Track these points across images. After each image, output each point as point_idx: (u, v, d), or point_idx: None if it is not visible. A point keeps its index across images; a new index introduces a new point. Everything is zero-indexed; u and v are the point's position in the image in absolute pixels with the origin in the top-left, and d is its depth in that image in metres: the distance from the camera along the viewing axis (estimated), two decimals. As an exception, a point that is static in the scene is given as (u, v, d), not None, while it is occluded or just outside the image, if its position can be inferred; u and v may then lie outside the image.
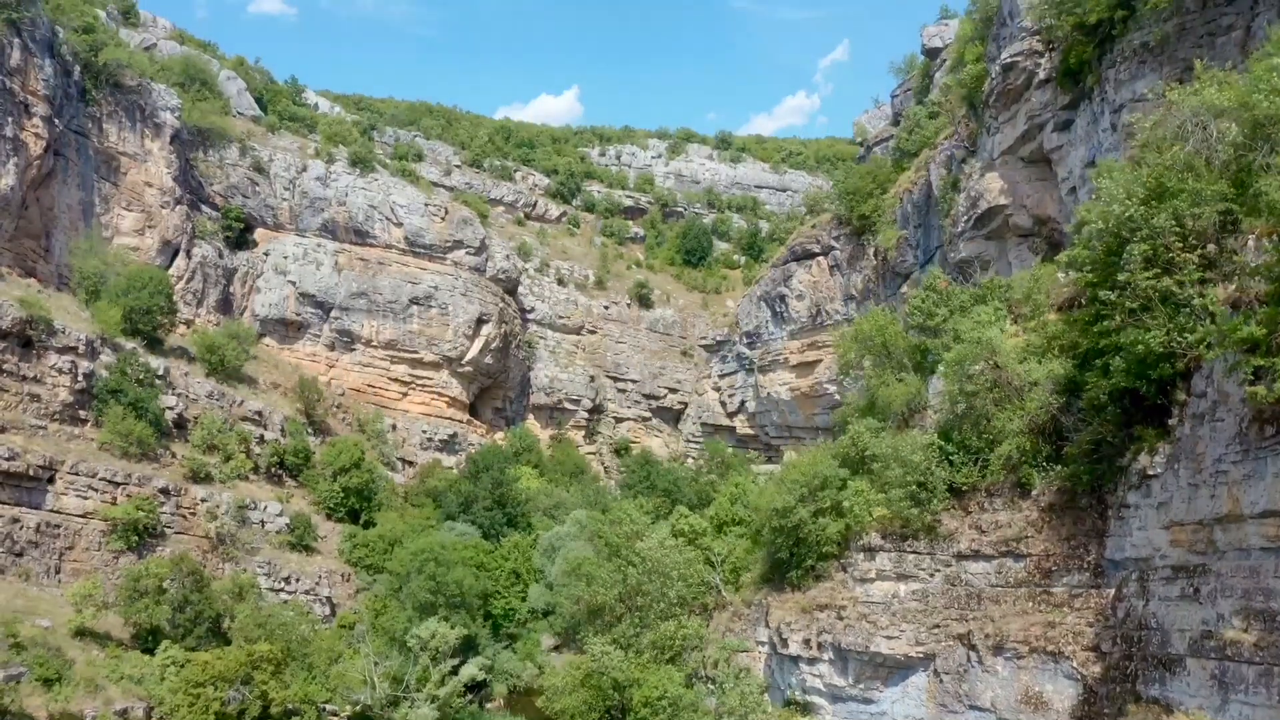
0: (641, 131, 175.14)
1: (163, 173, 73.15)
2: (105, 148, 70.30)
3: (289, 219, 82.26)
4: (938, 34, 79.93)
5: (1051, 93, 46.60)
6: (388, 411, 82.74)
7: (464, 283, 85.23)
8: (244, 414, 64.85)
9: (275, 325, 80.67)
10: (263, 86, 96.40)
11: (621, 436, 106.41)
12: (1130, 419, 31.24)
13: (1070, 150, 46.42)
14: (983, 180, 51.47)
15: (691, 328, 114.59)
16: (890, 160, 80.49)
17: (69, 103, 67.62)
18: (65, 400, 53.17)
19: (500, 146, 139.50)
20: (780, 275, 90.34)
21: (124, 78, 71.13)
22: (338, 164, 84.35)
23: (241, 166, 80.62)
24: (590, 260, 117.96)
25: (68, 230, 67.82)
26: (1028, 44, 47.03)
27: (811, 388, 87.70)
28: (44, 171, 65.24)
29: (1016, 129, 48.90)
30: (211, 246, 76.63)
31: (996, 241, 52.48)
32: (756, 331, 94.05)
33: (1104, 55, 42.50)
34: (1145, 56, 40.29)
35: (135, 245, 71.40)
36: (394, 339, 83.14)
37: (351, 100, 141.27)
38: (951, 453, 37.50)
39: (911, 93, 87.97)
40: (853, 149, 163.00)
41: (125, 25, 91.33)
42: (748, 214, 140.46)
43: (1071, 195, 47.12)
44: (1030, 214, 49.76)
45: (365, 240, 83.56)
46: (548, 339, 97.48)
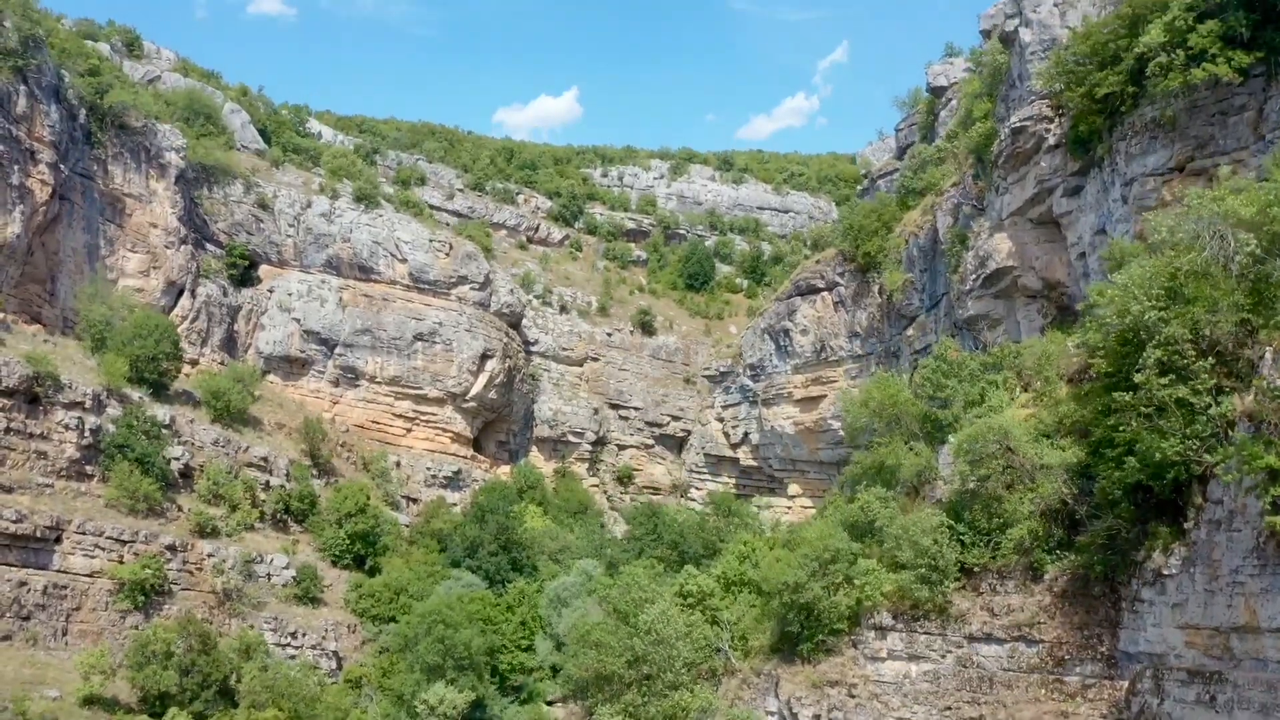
0: (644, 152, 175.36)
1: (167, 213, 73.10)
2: (110, 189, 70.26)
3: (293, 255, 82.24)
4: (942, 72, 79.97)
5: (1061, 158, 46.57)
6: (391, 448, 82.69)
7: (468, 318, 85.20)
8: (249, 460, 64.82)
9: (279, 362, 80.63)
10: (266, 117, 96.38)
11: (624, 464, 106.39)
12: (1144, 514, 31.27)
13: (1080, 216, 46.40)
14: (991, 240, 51.45)
15: (694, 355, 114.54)
16: (895, 198, 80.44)
17: (74, 146, 67.59)
18: (72, 456, 53.13)
19: (502, 168, 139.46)
20: (784, 309, 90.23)
21: (129, 119, 71.12)
22: (342, 200, 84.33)
23: (246, 203, 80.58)
24: (593, 286, 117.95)
25: (73, 274, 67.79)
26: (1037, 109, 47.00)
27: (816, 423, 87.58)
28: (49, 217, 65.24)
29: (1025, 191, 48.88)
30: (216, 285, 76.57)
31: (1005, 300, 52.46)
32: (760, 364, 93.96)
33: (1114, 127, 42.46)
34: (1156, 132, 40.26)
35: (140, 286, 71.35)
36: (398, 375, 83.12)
37: (354, 122, 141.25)
38: (962, 533, 37.47)
39: (916, 126, 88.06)
40: (854, 170, 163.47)
41: (129, 57, 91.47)
42: (750, 235, 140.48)
43: (1081, 260, 47.12)
44: (1039, 276, 49.73)
45: (369, 276, 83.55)
46: (551, 371, 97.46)
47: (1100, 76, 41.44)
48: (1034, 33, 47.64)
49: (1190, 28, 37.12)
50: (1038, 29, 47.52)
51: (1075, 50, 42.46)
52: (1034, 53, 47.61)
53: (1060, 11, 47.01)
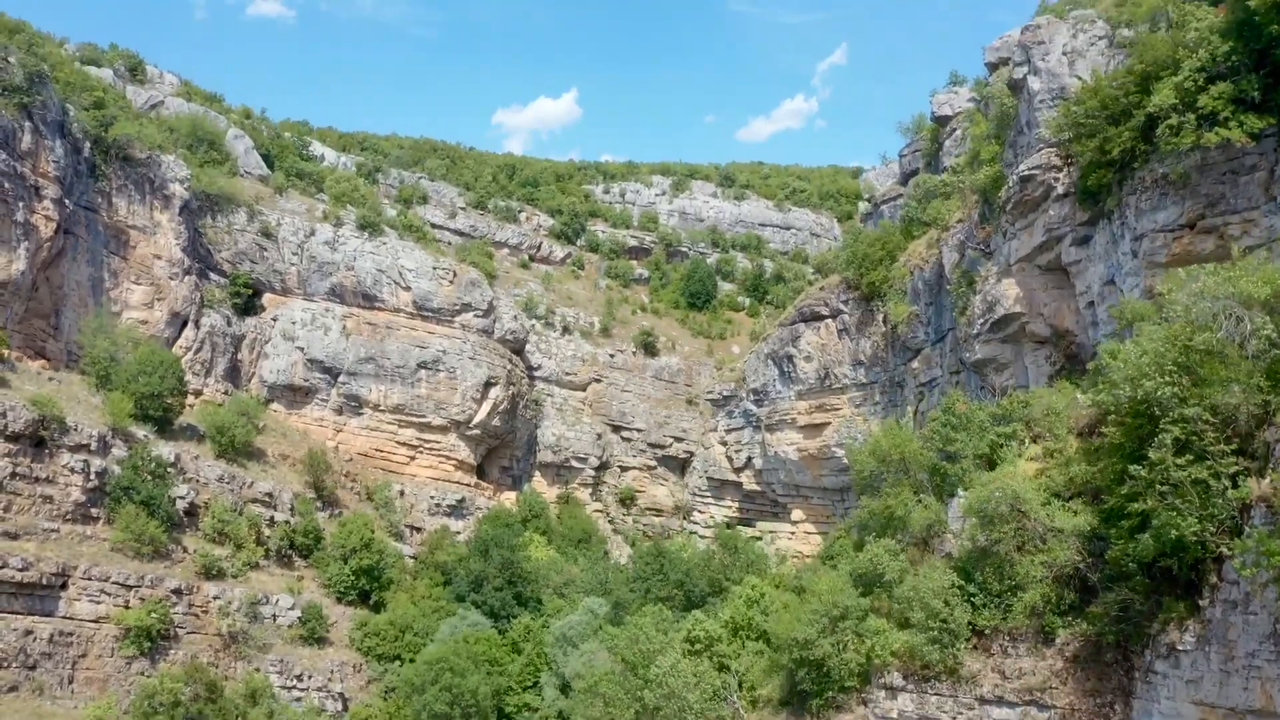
0: (645, 167, 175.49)
1: (171, 244, 72.98)
2: (114, 222, 70.15)
3: (297, 283, 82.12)
4: (947, 101, 79.86)
5: (1070, 207, 46.51)
6: (395, 476, 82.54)
7: (472, 346, 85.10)
8: (254, 495, 64.74)
9: (283, 391, 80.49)
10: (269, 141, 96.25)
11: (627, 486, 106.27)
12: (1159, 587, 31.19)
13: (1089, 266, 46.36)
14: (999, 286, 51.39)
15: (696, 376, 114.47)
16: (899, 227, 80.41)
17: (79, 180, 67.48)
18: (77, 500, 53.05)
19: (504, 185, 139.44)
20: (788, 335, 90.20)
21: (134, 151, 71.01)
22: (345, 227, 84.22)
23: (249, 232, 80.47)
24: (595, 305, 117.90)
25: (77, 307, 67.64)
26: (1045, 158, 46.93)
27: (820, 450, 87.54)
28: (54, 252, 65.13)
29: (1034, 239, 48.82)
30: (220, 315, 76.46)
31: (1013, 345, 52.41)
32: (764, 389, 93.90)
33: (1124, 181, 42.41)
34: (1166, 188, 40.21)
35: (144, 319, 71.21)
36: (402, 403, 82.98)
37: (355, 139, 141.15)
38: (973, 593, 37.37)
39: (920, 153, 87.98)
40: (854, 185, 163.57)
41: (132, 82, 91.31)
42: (751, 253, 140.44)
43: (1090, 309, 47.09)
44: (1047, 323, 49.68)
45: (373, 304, 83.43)
46: (555, 396, 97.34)
47: (1111, 132, 41.40)
48: (1043, 81, 47.59)
49: (1201, 88, 37.09)
50: (1046, 78, 47.48)
51: (1085, 105, 42.40)
52: (1042, 101, 47.56)
53: (1069, 61, 46.95)
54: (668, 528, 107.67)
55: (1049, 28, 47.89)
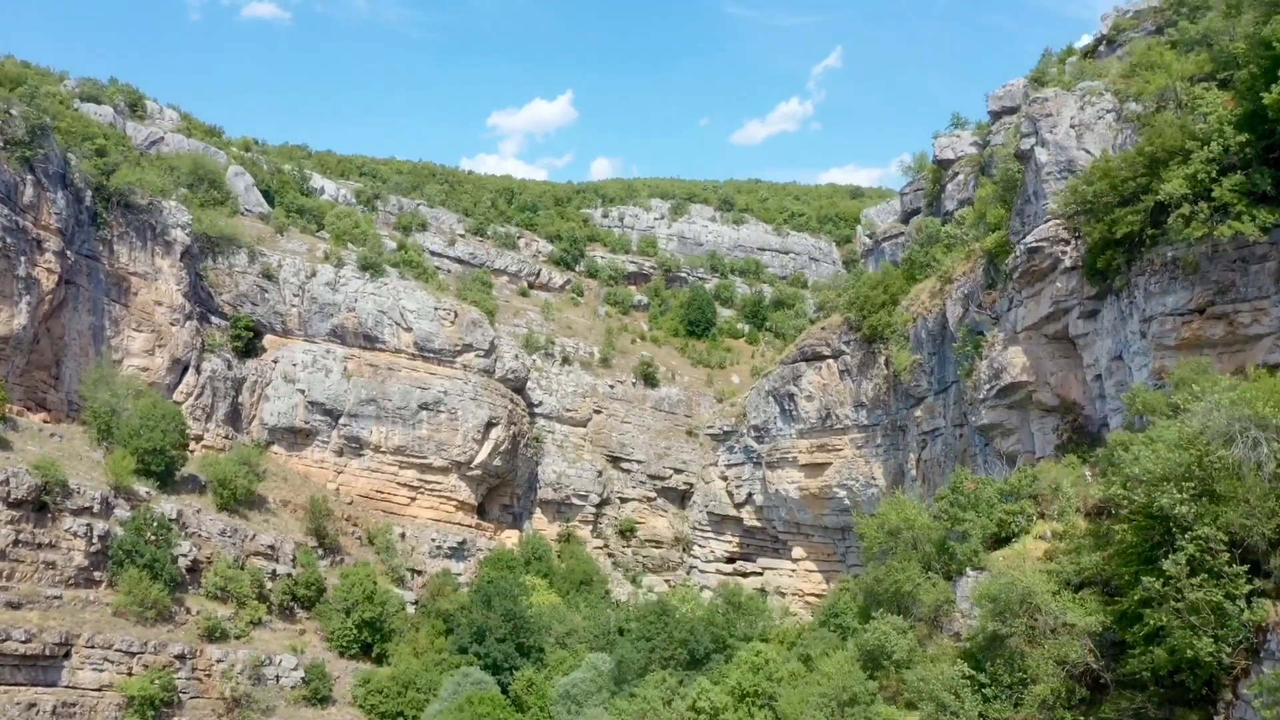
0: (643, 184, 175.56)
1: (173, 290, 72.71)
2: (116, 269, 69.86)
3: (298, 325, 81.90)
4: (949, 145, 79.86)
5: (1077, 280, 46.48)
6: (395, 518, 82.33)
7: (473, 386, 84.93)
8: (256, 549, 64.50)
9: (284, 433, 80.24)
10: (269, 176, 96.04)
11: (626, 518, 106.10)
12: (1172, 697, 31.16)
13: (1096, 339, 46.33)
14: (1006, 353, 51.35)
15: (696, 406, 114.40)
16: (901, 270, 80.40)
17: (80, 229, 67.22)
18: (80, 564, 52.79)
19: (503, 210, 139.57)
20: (790, 374, 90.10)
21: (135, 197, 70.74)
22: (347, 268, 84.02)
23: (250, 274, 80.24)
24: (595, 335, 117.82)
25: (78, 356, 67.33)
26: (1053, 230, 46.91)
27: (821, 489, 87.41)
28: (55, 303, 64.81)
29: (1041, 309, 48.81)
30: (220, 359, 76.19)
31: (1019, 411, 52.37)
32: (765, 426, 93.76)
33: (1132, 261, 42.38)
34: (1175, 273, 40.21)
35: (145, 366, 70.92)
36: (403, 445, 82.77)
37: (354, 164, 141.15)
38: (984, 683, 37.27)
39: (922, 193, 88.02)
40: (853, 207, 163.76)
41: (132, 118, 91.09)
42: (750, 277, 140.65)
43: (1097, 381, 47.05)
44: (1054, 392, 49.65)
45: (374, 345, 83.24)
46: (555, 433, 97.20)
47: (1119, 214, 41.37)
48: (1050, 153, 47.58)
49: (1213, 179, 37.10)
50: (1054, 150, 47.46)
51: (1094, 186, 42.37)
52: (1050, 173, 47.54)
53: (1077, 134, 46.96)
54: (667, 559, 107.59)
55: (1056, 100, 47.90)
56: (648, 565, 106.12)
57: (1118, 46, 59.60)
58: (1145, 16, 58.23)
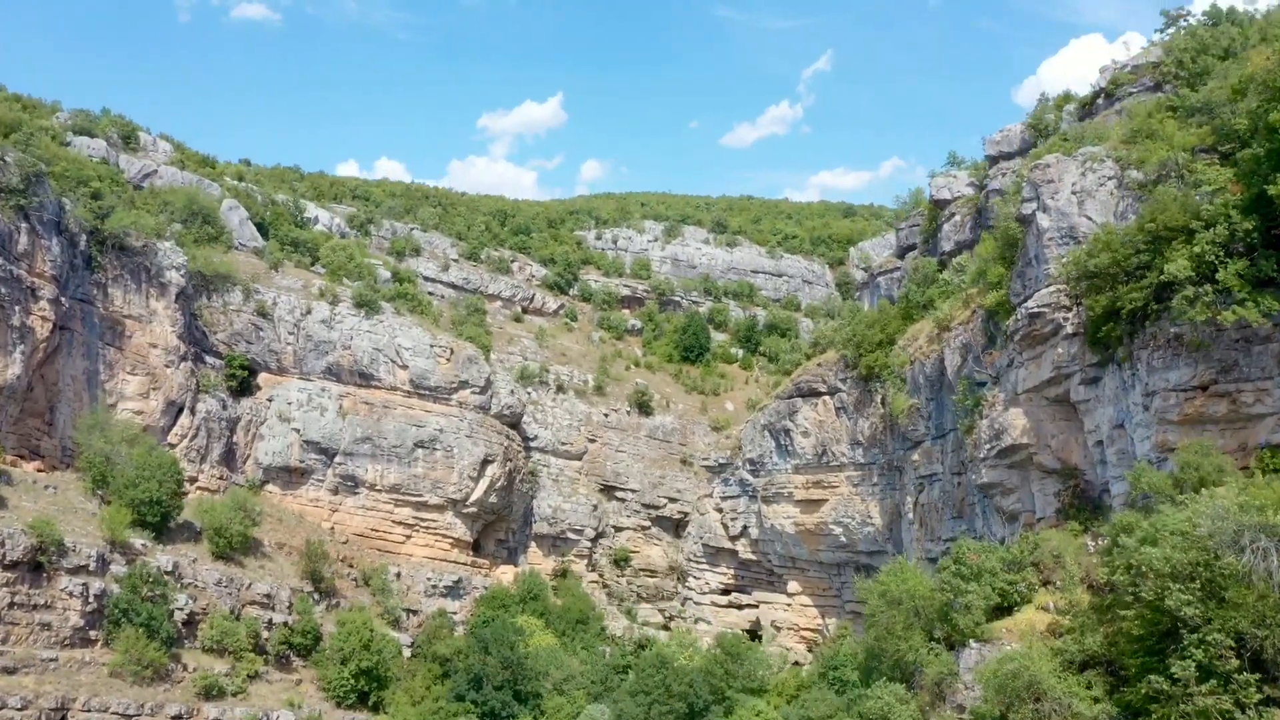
0: (635, 200, 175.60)
1: (168, 332, 72.27)
2: (110, 313, 69.39)
3: (293, 363, 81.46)
4: (946, 185, 79.99)
5: (1079, 347, 46.57)
6: (391, 556, 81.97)
7: (469, 424, 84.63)
8: (252, 597, 64.13)
9: (278, 473, 79.78)
10: (263, 209, 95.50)
11: (621, 546, 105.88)
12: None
13: (1098, 406, 46.42)
14: (1006, 415, 51.43)
15: (691, 434, 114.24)
16: (898, 309, 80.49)
17: (74, 273, 66.77)
18: (76, 625, 52.46)
19: (496, 233, 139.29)
20: (785, 409, 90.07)
21: (130, 239, 70.29)
22: (342, 305, 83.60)
23: (245, 312, 79.78)
24: (589, 362, 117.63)
25: (72, 402, 66.86)
26: (1055, 297, 47.01)
27: (817, 526, 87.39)
28: (50, 350, 64.32)
29: (1042, 372, 48.90)
30: (215, 399, 75.73)
31: (1020, 471, 52.46)
32: (760, 460, 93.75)
33: (1135, 334, 42.50)
34: (1179, 349, 40.31)
35: (139, 409, 70.44)
36: (398, 483, 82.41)
37: (346, 187, 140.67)
38: (990, 765, 37.28)
39: (918, 229, 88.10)
40: (845, 228, 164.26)
41: (125, 150, 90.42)
42: (744, 300, 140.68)
43: (1099, 447, 47.13)
44: (1055, 456, 49.73)
45: (370, 383, 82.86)
46: (551, 467, 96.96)
47: (1122, 290, 41.49)
48: (1052, 219, 47.67)
49: (1219, 262, 37.21)
50: (1056, 216, 47.57)
51: (1097, 260, 42.47)
52: (1051, 239, 47.64)
53: (1078, 201, 47.07)
54: (662, 589, 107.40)
55: (1058, 166, 48.00)
56: (642, 595, 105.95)
57: (1116, 101, 59.86)
58: (1143, 72, 58.50)
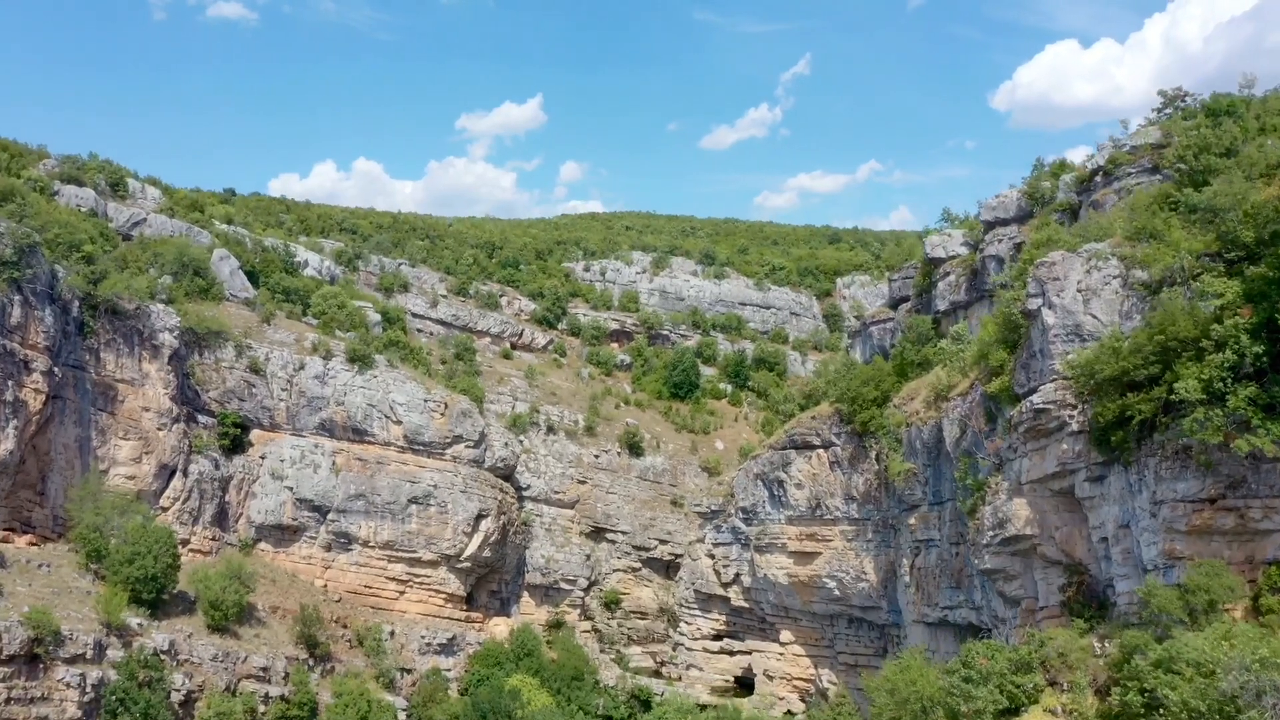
0: (622, 222, 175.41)
1: (160, 394, 71.55)
2: (103, 378, 68.63)
3: (285, 419, 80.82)
4: (940, 244, 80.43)
5: (1084, 444, 46.76)
6: (384, 613, 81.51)
7: (463, 479, 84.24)
8: (248, 671, 63.66)
9: (271, 531, 79.15)
10: (253, 256, 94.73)
11: (611, 588, 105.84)
12: None
13: (1103, 504, 46.69)
14: (1010, 504, 51.68)
15: (681, 475, 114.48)
16: (892, 365, 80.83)
17: (67, 340, 66.04)
18: (74, 716, 51.65)
19: (485, 266, 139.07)
20: (779, 460, 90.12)
21: (122, 303, 69.51)
22: (335, 360, 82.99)
23: (238, 369, 79.06)
24: (579, 400, 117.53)
25: (64, 470, 66.14)
26: (1060, 394, 47.21)
27: (810, 578, 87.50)
28: (42, 421, 63.47)
29: (1047, 466, 49.11)
30: (208, 459, 75.06)
31: (1023, 559, 52.74)
32: (753, 509, 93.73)
33: (1142, 441, 42.82)
34: (1187, 461, 40.64)
35: (131, 474, 69.74)
36: (392, 539, 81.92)
37: (334, 219, 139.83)
38: None
39: (911, 283, 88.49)
40: (832, 258, 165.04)
41: (114, 198, 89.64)
42: (732, 334, 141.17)
43: (1103, 544, 47.39)
44: (1059, 548, 50.00)
45: (364, 439, 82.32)
46: (543, 516, 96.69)
47: (1130, 400, 41.78)
48: (1057, 316, 47.94)
49: (1229, 388, 37.50)
50: (1061, 313, 47.83)
51: (1105, 369, 42.73)
52: (1057, 335, 47.89)
53: (1084, 299, 47.36)
54: (652, 631, 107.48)
55: (1063, 264, 48.28)
56: (632, 637, 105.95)
57: (1115, 180, 60.36)
58: (1142, 153, 59.00)
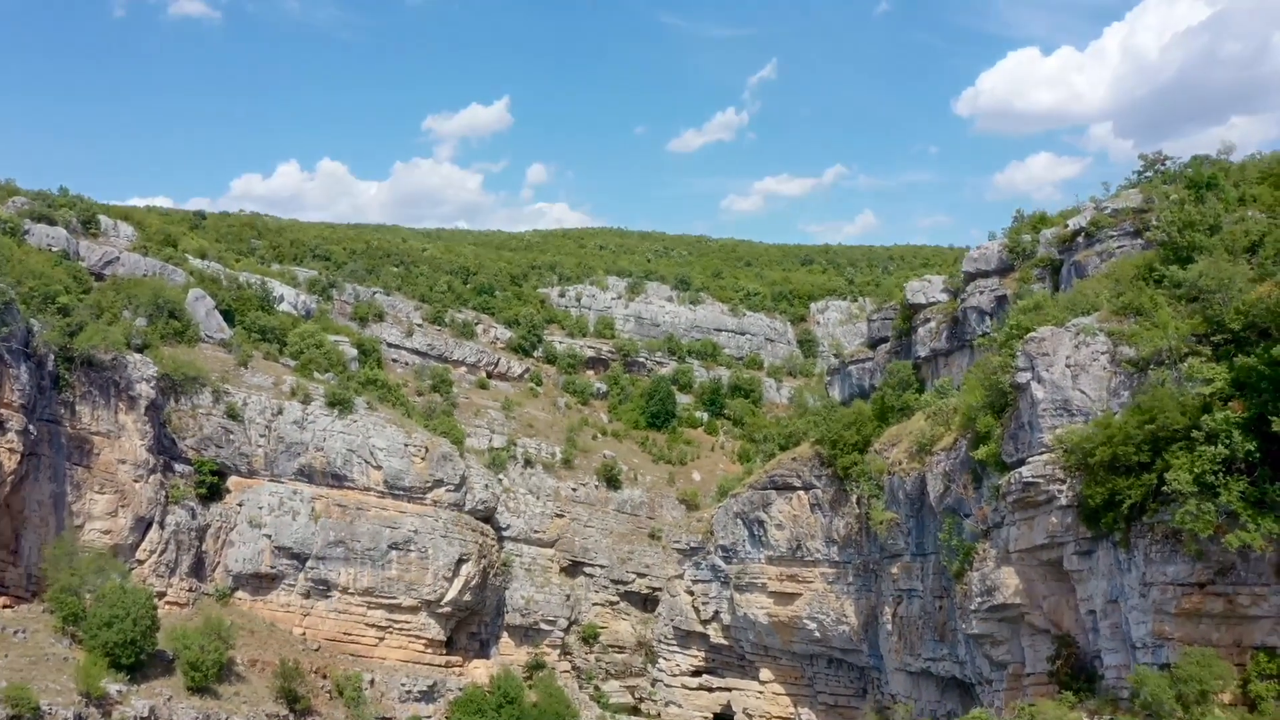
0: (595, 240, 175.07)
1: (136, 445, 70.41)
2: (78, 431, 67.45)
3: (264, 465, 79.84)
4: (921, 289, 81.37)
5: (1073, 518, 47.21)
6: (363, 660, 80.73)
7: (444, 523, 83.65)
8: (229, 733, 62.70)
9: (249, 579, 78.19)
10: (228, 294, 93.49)
11: (590, 623, 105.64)
12: None
13: (1091, 578, 47.18)
14: (998, 572, 52.09)
15: (659, 508, 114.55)
16: (872, 409, 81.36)
17: (42, 395, 64.76)
18: (54, 796, 50.66)
19: (460, 293, 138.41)
20: (759, 499, 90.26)
21: (98, 353, 68.32)
22: (314, 404, 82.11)
23: (215, 415, 78.02)
24: (556, 432, 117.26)
25: (38, 528, 64.97)
26: (1049, 469, 47.64)
27: (791, 619, 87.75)
28: (17, 480, 62.22)
29: (1035, 537, 49.54)
30: (184, 509, 74.02)
31: (1011, 625, 53.22)
32: (733, 548, 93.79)
33: (1132, 522, 43.36)
34: (1177, 546, 41.22)
35: (107, 528, 68.62)
36: (372, 586, 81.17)
37: (307, 248, 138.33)
38: None
39: (891, 324, 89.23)
40: (807, 283, 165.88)
41: (86, 236, 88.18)
42: (708, 360, 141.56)
43: (1090, 616, 47.89)
44: (1047, 617, 50.51)
45: (343, 484, 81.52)
46: (523, 556, 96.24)
47: (1120, 485, 42.34)
48: (1046, 391, 48.43)
49: (1219, 482, 38.06)
50: (1050, 388, 48.33)
51: (1095, 456, 43.26)
52: (1046, 409, 48.37)
53: (1072, 375, 47.90)
54: (630, 665, 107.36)
55: (1052, 339, 48.81)
56: (610, 671, 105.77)
57: (1096, 242, 61.25)
58: (1123, 216, 59.94)
